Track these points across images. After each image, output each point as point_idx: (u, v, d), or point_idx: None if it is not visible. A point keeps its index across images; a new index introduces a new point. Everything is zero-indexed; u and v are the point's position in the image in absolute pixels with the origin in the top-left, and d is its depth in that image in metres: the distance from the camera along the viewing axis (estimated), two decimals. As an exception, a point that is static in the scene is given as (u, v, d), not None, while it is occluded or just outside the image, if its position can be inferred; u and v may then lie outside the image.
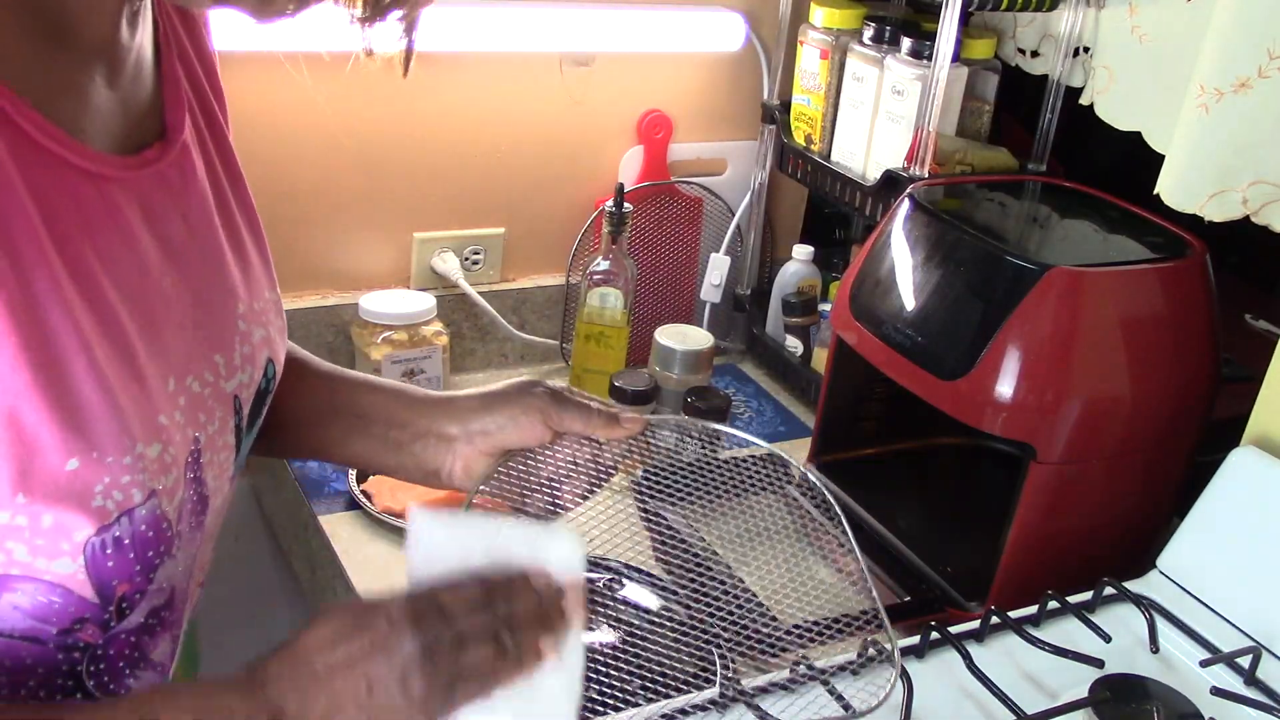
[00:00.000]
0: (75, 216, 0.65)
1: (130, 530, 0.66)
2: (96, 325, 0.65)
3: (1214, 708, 0.90)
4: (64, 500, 0.63)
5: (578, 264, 1.66)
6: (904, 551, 1.24)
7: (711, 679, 1.07)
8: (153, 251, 0.70)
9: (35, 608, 0.65)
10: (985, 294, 1.10)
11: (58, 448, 0.62)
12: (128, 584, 0.68)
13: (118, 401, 0.65)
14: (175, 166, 0.74)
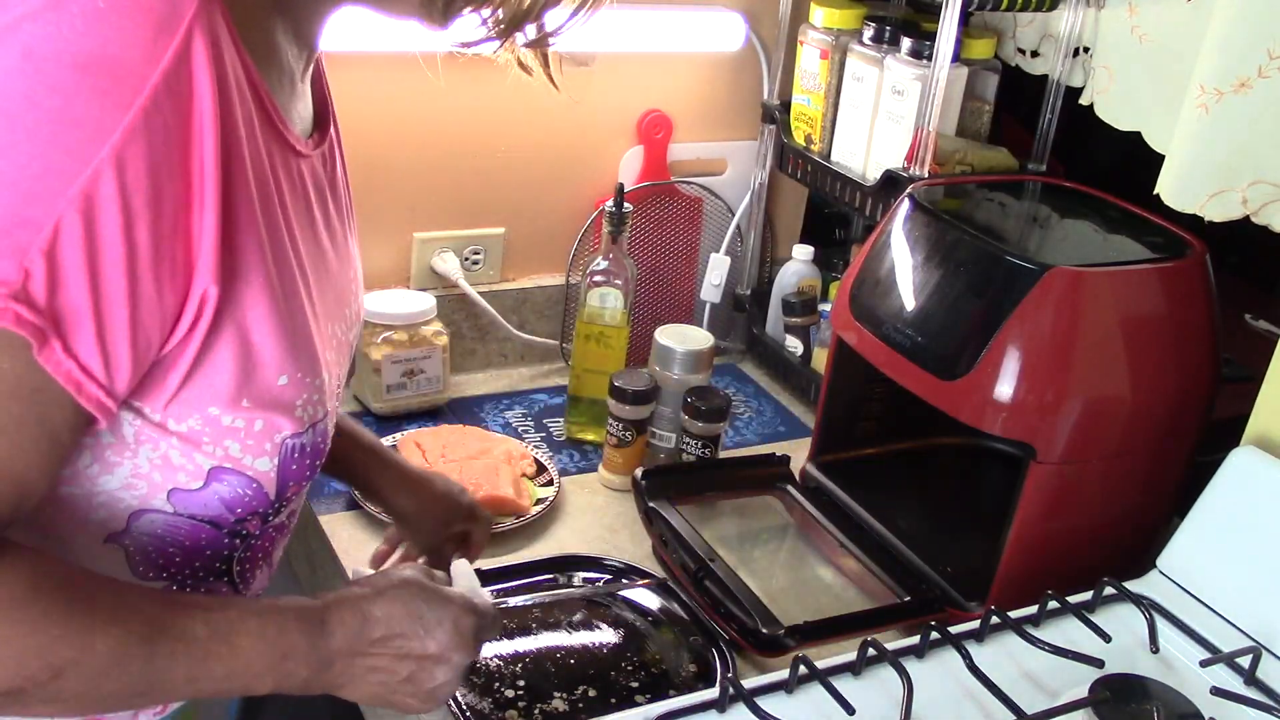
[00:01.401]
0: (288, 185, 0.79)
1: (312, 440, 0.81)
2: (299, 273, 0.79)
3: (1214, 708, 0.90)
4: (274, 408, 0.77)
5: (578, 264, 1.66)
6: (904, 551, 1.24)
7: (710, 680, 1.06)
8: (320, 218, 0.85)
9: (231, 497, 0.78)
10: (985, 294, 1.10)
11: (275, 365, 0.76)
12: (296, 485, 0.82)
13: (312, 334, 0.80)
14: (329, 150, 0.89)
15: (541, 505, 1.33)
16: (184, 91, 0.65)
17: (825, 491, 1.34)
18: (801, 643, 1.09)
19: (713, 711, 0.87)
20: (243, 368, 0.74)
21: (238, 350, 0.73)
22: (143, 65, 0.63)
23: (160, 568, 0.80)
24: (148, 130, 0.64)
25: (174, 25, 0.64)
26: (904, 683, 0.87)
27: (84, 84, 0.62)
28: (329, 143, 0.89)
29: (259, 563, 0.88)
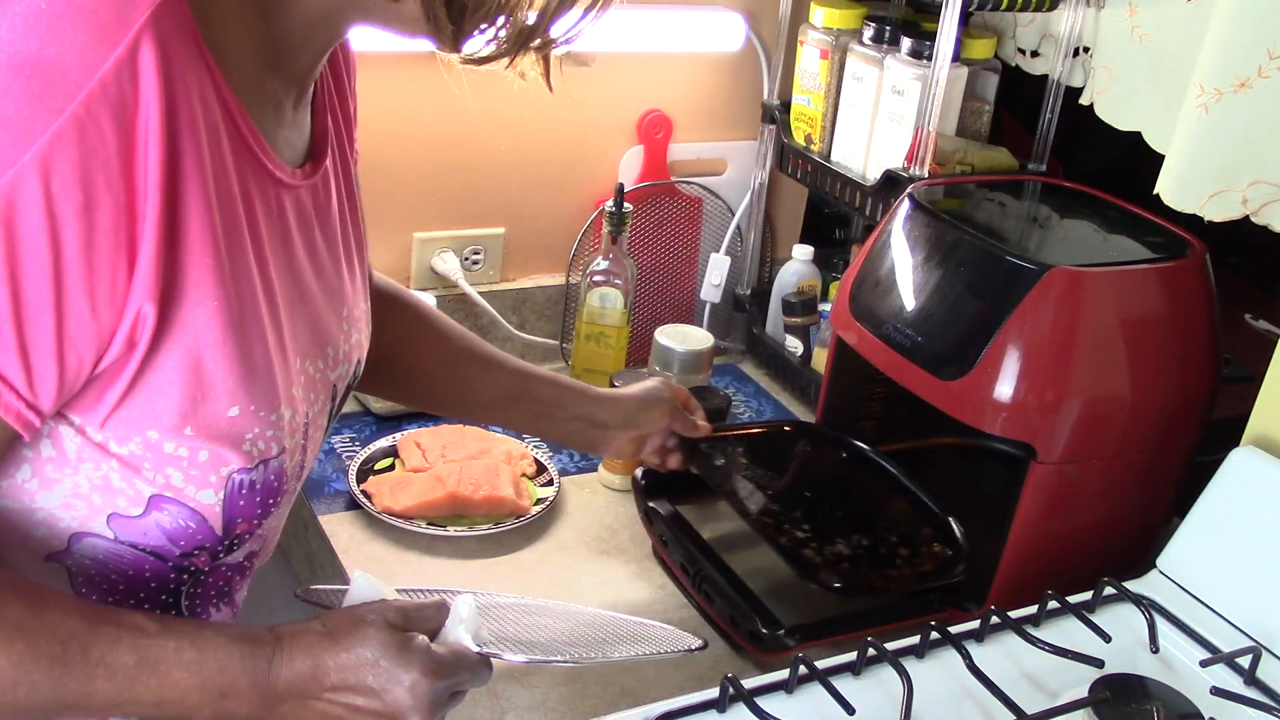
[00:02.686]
0: (263, 213, 0.77)
1: (262, 477, 0.78)
2: (266, 303, 0.77)
3: (1214, 708, 0.90)
4: (222, 440, 0.75)
5: (578, 264, 1.66)
6: (904, 551, 1.24)
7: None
8: (300, 251, 0.83)
9: (173, 529, 0.77)
10: (985, 294, 1.10)
11: (226, 395, 0.74)
12: (246, 524, 0.80)
13: (272, 367, 0.77)
14: (323, 183, 0.87)
15: (541, 505, 1.33)
16: (126, 101, 0.63)
17: (825, 491, 1.34)
18: (801, 643, 1.09)
19: (713, 711, 0.87)
20: (190, 394, 0.72)
21: (186, 375, 0.72)
22: (79, 71, 0.62)
23: (104, 592, 0.79)
24: (81, 137, 0.62)
25: (118, 33, 0.63)
26: (904, 683, 0.87)
27: (15, 85, 0.61)
28: (323, 174, 0.87)
29: (212, 601, 0.86)
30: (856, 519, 1.21)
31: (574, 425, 1.18)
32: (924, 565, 1.15)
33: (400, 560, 1.24)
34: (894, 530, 1.19)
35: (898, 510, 1.23)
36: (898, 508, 1.24)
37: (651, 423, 1.19)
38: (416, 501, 1.28)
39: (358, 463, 1.36)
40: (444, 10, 0.73)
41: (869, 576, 1.13)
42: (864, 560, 1.14)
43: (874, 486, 1.27)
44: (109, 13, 0.62)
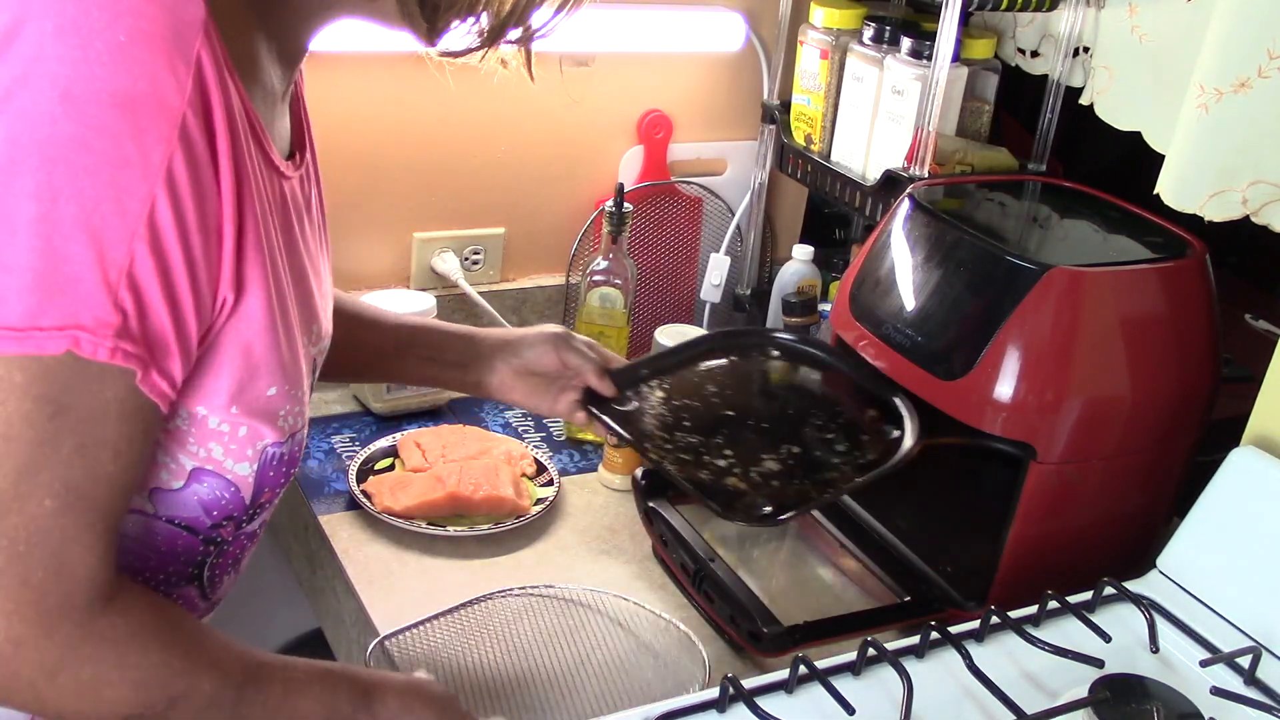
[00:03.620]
0: (274, 206, 0.81)
1: (290, 449, 0.84)
2: (288, 288, 0.82)
3: (1214, 708, 0.90)
4: (260, 417, 0.80)
5: (578, 264, 1.66)
6: (904, 551, 1.24)
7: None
8: (298, 239, 0.87)
9: (209, 499, 0.81)
10: (985, 294, 1.10)
11: (268, 376, 0.79)
12: (270, 493, 0.85)
13: (297, 346, 0.83)
14: (308, 172, 0.92)
15: (541, 505, 1.33)
16: (204, 115, 0.69)
17: (825, 491, 1.34)
18: (801, 643, 1.09)
19: (713, 711, 0.87)
20: (240, 376, 0.77)
21: (240, 358, 0.77)
22: (173, 97, 0.67)
23: (135, 570, 0.82)
24: (187, 155, 0.68)
25: (189, 54, 0.68)
26: (904, 683, 0.87)
27: (126, 124, 0.66)
28: (306, 166, 0.91)
29: (228, 569, 0.90)
30: (786, 426, 1.12)
31: (459, 366, 1.18)
32: (867, 454, 1.06)
33: (400, 560, 1.24)
34: (830, 426, 1.11)
35: (834, 402, 1.15)
36: (834, 399, 1.15)
37: (538, 356, 1.17)
38: (416, 501, 1.28)
39: (358, 463, 1.36)
40: (417, 6, 0.78)
41: (802, 489, 1.03)
42: (797, 471, 1.05)
43: (806, 383, 1.19)
44: (174, 35, 0.68)
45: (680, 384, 1.19)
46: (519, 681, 1.08)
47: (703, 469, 1.06)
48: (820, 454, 1.06)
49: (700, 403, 1.17)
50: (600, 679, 1.10)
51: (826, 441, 1.07)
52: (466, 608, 1.17)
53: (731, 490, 1.03)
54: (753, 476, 1.04)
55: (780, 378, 1.20)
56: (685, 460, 1.07)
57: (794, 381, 1.18)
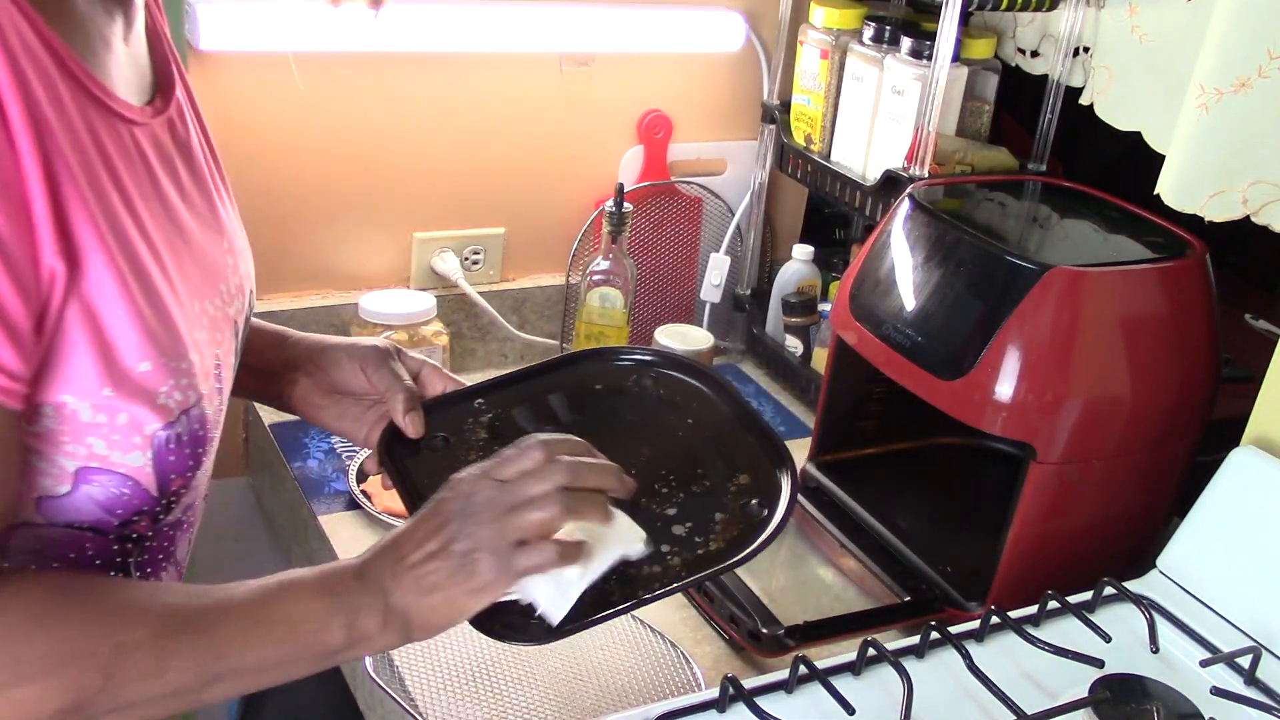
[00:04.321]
0: (119, 156, 0.73)
1: (186, 428, 0.76)
2: (146, 248, 0.74)
3: (1214, 708, 0.90)
4: (137, 398, 0.72)
5: (578, 264, 1.66)
6: (904, 551, 1.24)
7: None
8: (170, 190, 0.79)
9: (107, 499, 0.74)
10: (985, 294, 1.10)
11: (134, 350, 0.71)
12: (180, 479, 0.78)
13: (171, 313, 0.74)
14: (178, 117, 0.83)
15: (541, 505, 1.33)
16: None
17: (825, 491, 1.34)
18: (801, 643, 1.09)
19: (712, 711, 0.87)
20: (98, 354, 0.70)
21: (90, 335, 0.69)
22: None
23: None
24: None
25: None
26: (904, 683, 0.87)
27: None
28: (176, 106, 0.83)
29: (161, 564, 0.84)
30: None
31: (263, 373, 1.00)
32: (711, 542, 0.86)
33: (400, 560, 1.24)
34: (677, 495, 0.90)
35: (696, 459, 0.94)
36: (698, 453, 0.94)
37: (343, 373, 0.97)
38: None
39: (358, 463, 1.36)
40: None
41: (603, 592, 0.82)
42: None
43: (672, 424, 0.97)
44: None
45: (511, 423, 0.96)
46: (519, 681, 1.08)
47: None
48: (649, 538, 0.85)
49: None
50: (600, 679, 1.10)
51: (664, 519, 0.87)
52: (466, 608, 1.16)
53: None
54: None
55: (641, 416, 0.97)
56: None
57: (658, 423, 0.97)
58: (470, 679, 1.08)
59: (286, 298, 1.53)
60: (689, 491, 0.91)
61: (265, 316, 1.48)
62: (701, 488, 0.91)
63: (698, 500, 0.90)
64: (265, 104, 1.41)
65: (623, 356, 1.02)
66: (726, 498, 0.90)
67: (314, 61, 1.42)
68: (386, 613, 0.76)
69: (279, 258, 1.50)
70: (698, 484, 0.92)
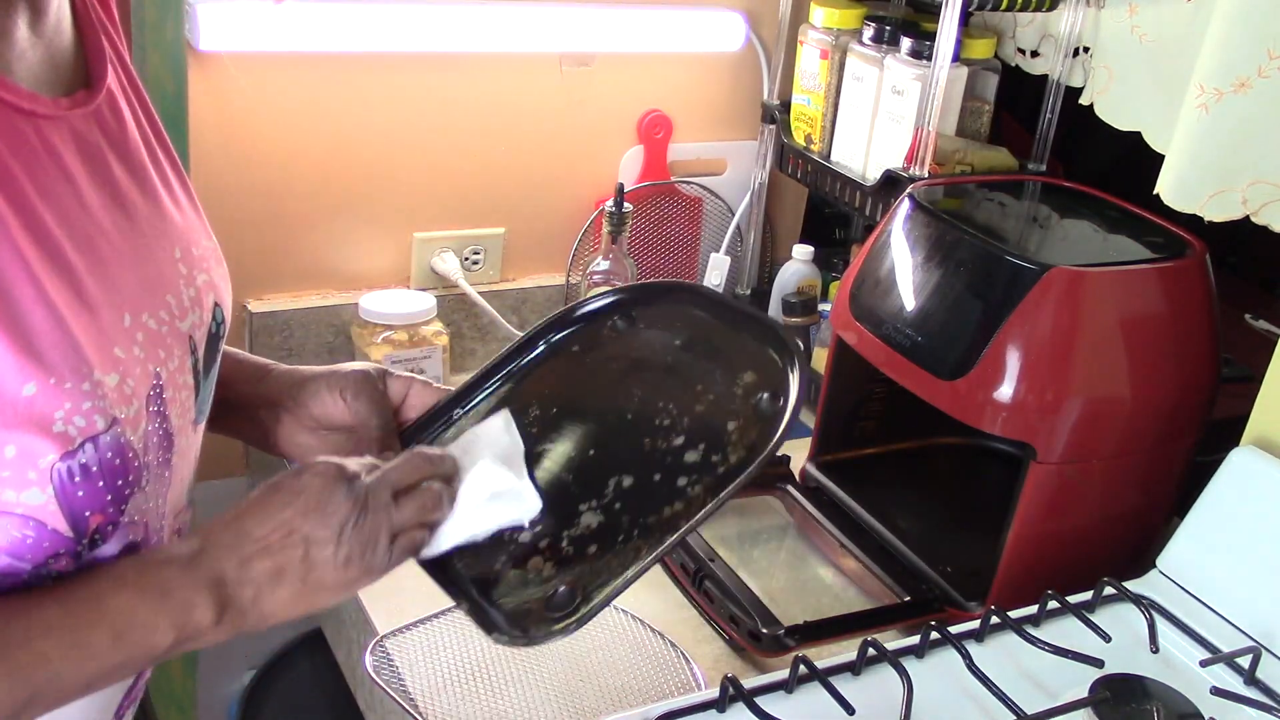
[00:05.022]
0: (12, 153, 0.66)
1: (96, 458, 0.67)
2: (41, 257, 0.66)
3: (1214, 708, 0.90)
4: (24, 426, 0.63)
5: (578, 264, 1.66)
6: (904, 551, 1.24)
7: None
8: (92, 191, 0.72)
9: (10, 544, 0.66)
10: (985, 294, 1.10)
11: (12, 372, 0.63)
12: (100, 514, 0.69)
13: (69, 329, 0.66)
14: (108, 109, 0.75)
15: (541, 505, 1.33)
16: None
17: (825, 491, 1.34)
18: (801, 643, 1.09)
19: (712, 711, 0.87)
20: None
21: None
22: None
23: None
24: None
25: None
26: (904, 683, 0.87)
27: None
28: (108, 100, 0.76)
29: None
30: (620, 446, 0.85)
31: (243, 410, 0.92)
32: (730, 454, 0.81)
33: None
34: (680, 422, 0.85)
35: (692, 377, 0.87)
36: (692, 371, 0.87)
37: (323, 405, 0.90)
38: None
39: (358, 463, 1.36)
40: None
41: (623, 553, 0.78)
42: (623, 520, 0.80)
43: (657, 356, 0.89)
44: None
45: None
46: (518, 681, 1.08)
47: (501, 554, 0.82)
48: (661, 477, 0.80)
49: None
50: (600, 679, 1.10)
51: (673, 453, 0.82)
52: (466, 608, 1.17)
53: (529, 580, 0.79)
54: (564, 551, 0.81)
55: (624, 362, 0.90)
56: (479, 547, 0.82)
57: (641, 358, 0.90)
58: (470, 679, 1.08)
59: (286, 298, 1.53)
60: (693, 413, 0.85)
61: (265, 316, 1.49)
62: (705, 403, 0.85)
63: (705, 418, 0.84)
64: (265, 104, 1.41)
65: (584, 309, 0.95)
66: (735, 403, 0.84)
67: (314, 61, 1.42)
68: (223, 605, 0.71)
69: (279, 258, 1.50)
70: (700, 401, 0.85)
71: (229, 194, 1.42)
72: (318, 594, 0.74)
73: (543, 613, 0.78)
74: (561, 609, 0.78)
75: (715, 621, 1.16)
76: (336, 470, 0.75)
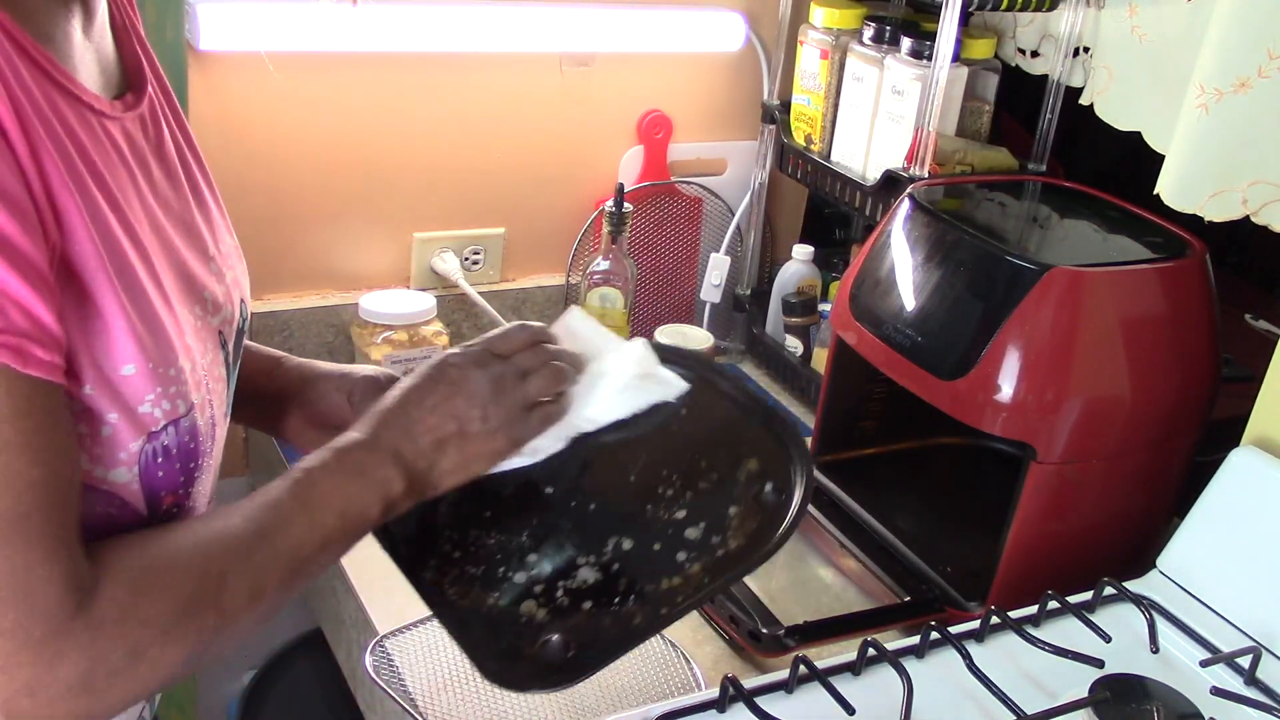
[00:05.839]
0: (94, 148, 0.69)
1: (175, 440, 0.72)
2: (133, 245, 0.70)
3: (1214, 708, 0.90)
4: (118, 405, 0.67)
5: (578, 264, 1.66)
6: (904, 551, 1.24)
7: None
8: (144, 188, 0.75)
9: (93, 520, 0.69)
10: (985, 294, 1.10)
11: (120, 350, 0.67)
12: (172, 495, 0.74)
13: (159, 314, 0.70)
14: (150, 113, 0.79)
15: (541, 505, 1.33)
16: None
17: (825, 491, 1.34)
18: (801, 643, 1.09)
19: (713, 711, 0.87)
20: (82, 345, 0.65)
21: (77, 323, 0.65)
22: None
23: None
24: None
25: None
26: (904, 683, 0.87)
27: None
28: (149, 105, 0.79)
29: None
30: (622, 504, 0.86)
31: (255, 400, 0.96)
32: (730, 540, 0.81)
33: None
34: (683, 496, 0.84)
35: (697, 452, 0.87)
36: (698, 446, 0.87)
37: (330, 405, 0.95)
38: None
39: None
40: None
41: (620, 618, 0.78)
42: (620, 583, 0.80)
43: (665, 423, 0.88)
44: None
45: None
46: (519, 681, 1.08)
47: (494, 590, 0.81)
48: (661, 548, 0.80)
49: (512, 476, 0.86)
50: (600, 679, 1.10)
51: (674, 525, 0.82)
52: (466, 608, 1.17)
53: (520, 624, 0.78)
54: (558, 600, 0.80)
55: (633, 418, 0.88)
56: (473, 579, 0.82)
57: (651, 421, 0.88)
58: (470, 679, 1.08)
59: (286, 298, 1.53)
60: (696, 489, 0.86)
61: (265, 316, 1.49)
62: (709, 482, 0.86)
63: (707, 497, 0.85)
64: (265, 104, 1.41)
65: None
66: (737, 489, 0.85)
67: (315, 62, 1.42)
68: (408, 477, 0.80)
69: (279, 258, 1.50)
70: (704, 479, 0.86)
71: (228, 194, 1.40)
72: (476, 462, 0.83)
73: (533, 661, 0.78)
74: (552, 661, 0.77)
75: (715, 621, 1.16)
76: (475, 357, 0.85)
